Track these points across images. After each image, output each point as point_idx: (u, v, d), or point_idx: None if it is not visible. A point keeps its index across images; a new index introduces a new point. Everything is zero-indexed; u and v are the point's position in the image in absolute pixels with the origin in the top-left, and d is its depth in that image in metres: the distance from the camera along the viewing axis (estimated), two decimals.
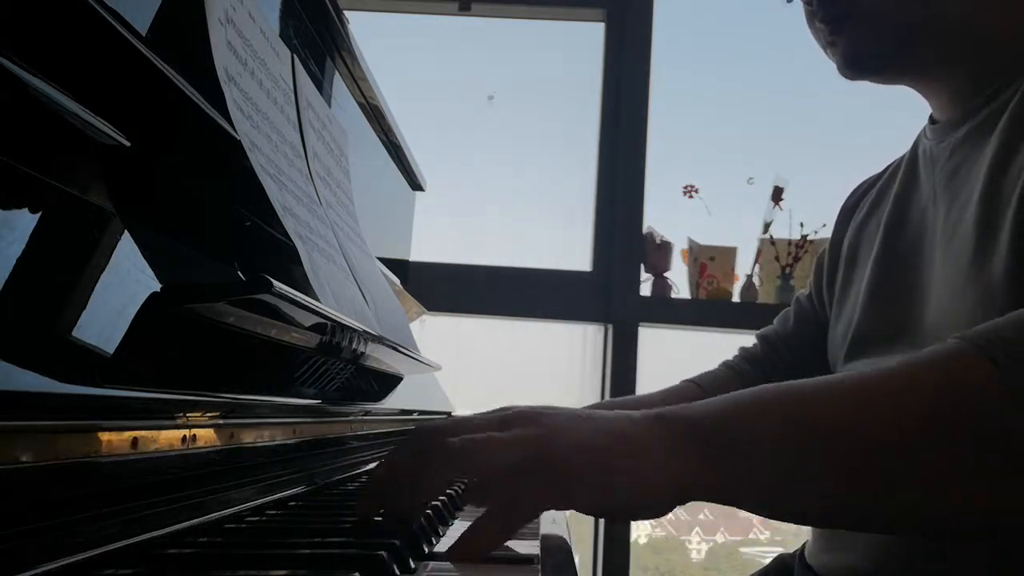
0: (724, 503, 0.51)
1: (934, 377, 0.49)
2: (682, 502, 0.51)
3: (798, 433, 0.50)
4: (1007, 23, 0.73)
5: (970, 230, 0.68)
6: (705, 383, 1.00)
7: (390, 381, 1.04)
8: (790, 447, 0.49)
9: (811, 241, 1.99)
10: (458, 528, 0.62)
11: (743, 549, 2.68)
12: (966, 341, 0.49)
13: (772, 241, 2.02)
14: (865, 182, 0.96)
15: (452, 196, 2.08)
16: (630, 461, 0.49)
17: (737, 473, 0.50)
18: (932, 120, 0.82)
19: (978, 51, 0.74)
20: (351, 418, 0.87)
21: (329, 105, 0.94)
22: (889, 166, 0.92)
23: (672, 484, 0.50)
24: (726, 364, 1.04)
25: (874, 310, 0.83)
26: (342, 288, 0.74)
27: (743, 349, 1.05)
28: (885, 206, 0.86)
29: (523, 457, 0.49)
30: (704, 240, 2.04)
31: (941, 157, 0.77)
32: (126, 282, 0.43)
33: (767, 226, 2.04)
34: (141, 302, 0.42)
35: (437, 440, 0.51)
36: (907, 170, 0.85)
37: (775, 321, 1.04)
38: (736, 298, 2.02)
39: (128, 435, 0.42)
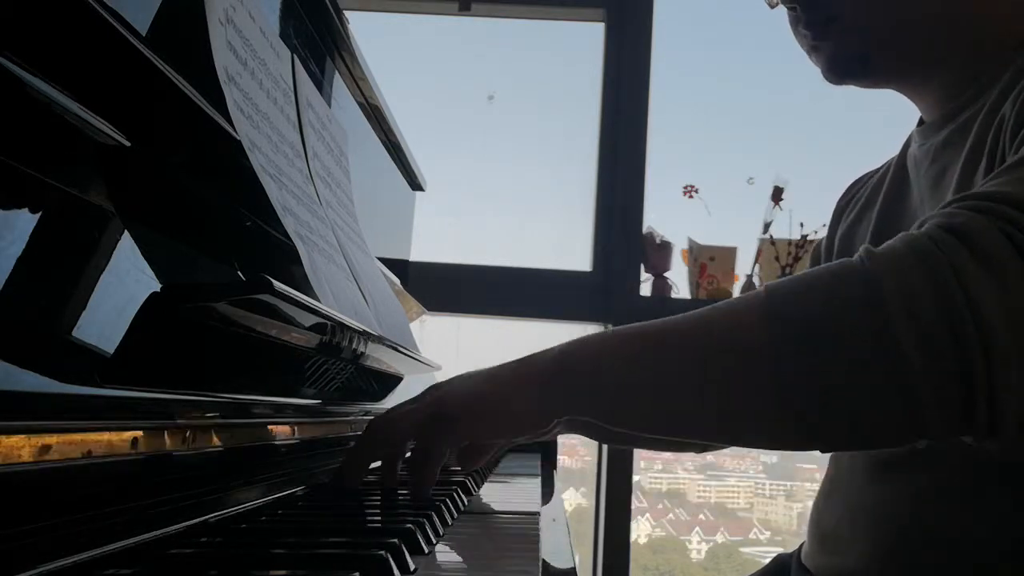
0: (600, 421, 0.62)
1: (725, 309, 0.58)
2: (555, 424, 0.64)
3: (613, 358, 0.61)
4: (985, 26, 0.73)
5: None
6: None
7: (390, 381, 1.04)
8: (606, 370, 0.60)
9: (811, 241, 1.99)
10: (458, 528, 0.62)
11: (743, 549, 2.68)
12: (769, 296, 0.56)
13: (772, 241, 2.02)
14: (859, 180, 0.96)
15: (452, 196, 2.08)
16: (501, 398, 0.63)
17: (578, 396, 0.61)
18: (920, 121, 0.82)
19: (957, 52, 0.74)
20: (351, 418, 0.87)
21: (329, 105, 0.94)
22: (883, 164, 0.92)
23: (540, 409, 0.62)
24: None
25: None
26: (342, 288, 0.74)
27: None
28: (875, 207, 0.86)
29: (423, 416, 0.64)
30: (704, 240, 2.04)
31: (925, 161, 0.77)
32: (126, 282, 0.43)
33: (767, 226, 2.04)
34: (141, 302, 0.42)
35: (366, 427, 0.68)
36: (896, 172, 0.85)
37: None
38: None
39: (128, 435, 0.42)
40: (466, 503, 0.73)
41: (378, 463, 0.71)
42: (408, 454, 0.70)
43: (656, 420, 0.61)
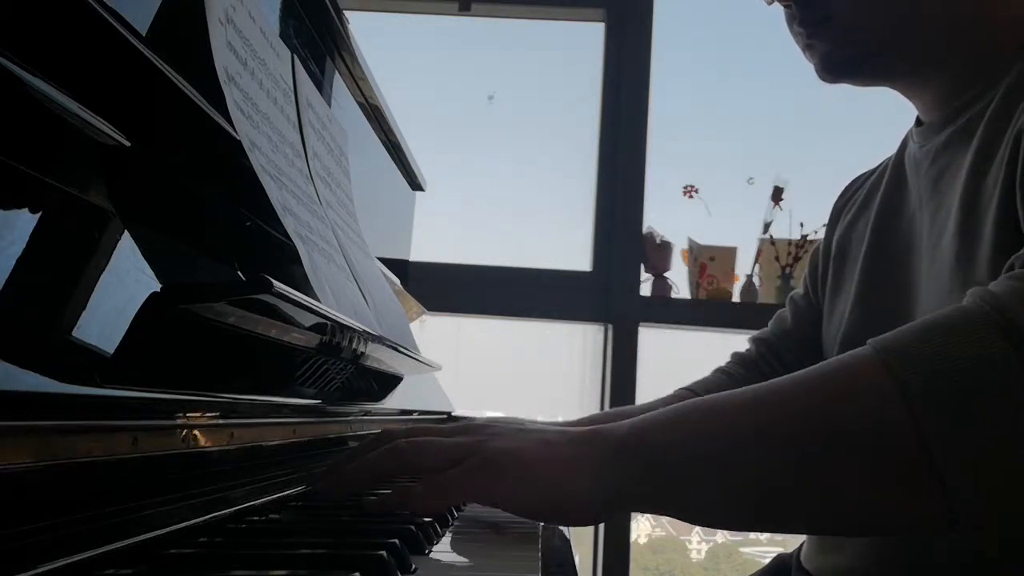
0: (652, 513, 0.55)
1: (836, 387, 0.51)
2: (610, 514, 0.55)
3: (703, 443, 0.53)
4: (985, 26, 0.72)
5: (952, 237, 0.68)
6: (700, 389, 0.99)
7: (390, 381, 1.04)
8: (696, 457, 0.52)
9: (811, 241, 1.99)
10: (457, 528, 0.62)
11: (743, 549, 2.68)
12: (875, 350, 0.50)
13: (772, 241, 2.02)
14: (856, 180, 0.96)
15: (452, 196, 2.08)
16: (554, 472, 0.54)
17: (655, 486, 0.53)
18: (918, 122, 0.82)
19: (957, 54, 0.74)
20: (351, 418, 0.87)
21: (329, 105, 0.94)
22: (880, 164, 0.92)
23: (594, 497, 0.53)
24: (720, 370, 1.03)
25: (864, 312, 0.83)
26: (342, 288, 0.74)
27: (736, 354, 1.05)
28: (873, 208, 0.86)
29: (458, 458, 0.55)
30: (704, 240, 2.04)
31: (924, 162, 0.77)
32: (126, 282, 0.43)
33: (767, 226, 2.04)
34: (141, 302, 0.42)
35: (389, 442, 0.59)
36: (894, 172, 0.84)
37: (770, 324, 1.04)
38: (736, 298, 2.02)
39: (128, 435, 0.42)
40: (465, 503, 0.73)
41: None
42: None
43: (745, 514, 0.53)
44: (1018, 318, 0.47)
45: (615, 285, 2.01)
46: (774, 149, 2.31)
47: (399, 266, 1.41)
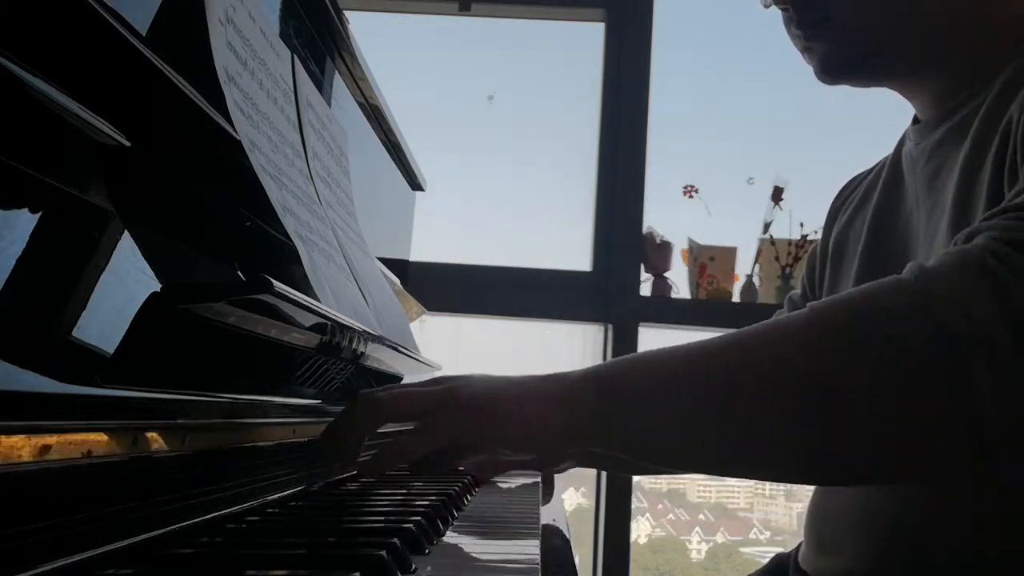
0: (616, 451, 0.60)
1: (775, 336, 0.56)
2: (576, 446, 0.63)
3: (664, 383, 0.58)
4: (985, 25, 0.72)
5: (945, 235, 0.68)
6: None
7: (390, 381, 1.04)
8: (657, 396, 0.57)
9: (811, 241, 1.99)
10: (458, 528, 0.62)
11: (743, 549, 2.68)
12: (813, 311, 0.55)
13: (772, 241, 2.02)
14: (853, 180, 0.96)
15: (452, 196, 2.08)
16: (522, 405, 0.59)
17: (620, 420, 0.58)
18: (915, 120, 0.82)
19: (956, 53, 0.74)
20: None
21: (329, 105, 0.94)
22: (877, 163, 0.92)
23: (562, 429, 0.59)
24: None
25: None
26: (342, 288, 0.74)
27: None
28: (869, 206, 0.86)
29: (435, 401, 0.61)
30: (704, 240, 2.04)
31: (920, 159, 0.77)
32: (126, 282, 0.43)
33: (767, 226, 2.04)
34: (141, 302, 0.42)
35: (370, 396, 0.64)
36: (890, 171, 0.84)
37: None
38: (736, 298, 2.02)
39: (128, 435, 0.42)
40: (466, 503, 0.73)
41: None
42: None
43: (678, 448, 0.58)
44: (931, 285, 0.51)
45: (615, 285, 2.01)
46: (774, 149, 2.32)
47: (399, 266, 1.41)
